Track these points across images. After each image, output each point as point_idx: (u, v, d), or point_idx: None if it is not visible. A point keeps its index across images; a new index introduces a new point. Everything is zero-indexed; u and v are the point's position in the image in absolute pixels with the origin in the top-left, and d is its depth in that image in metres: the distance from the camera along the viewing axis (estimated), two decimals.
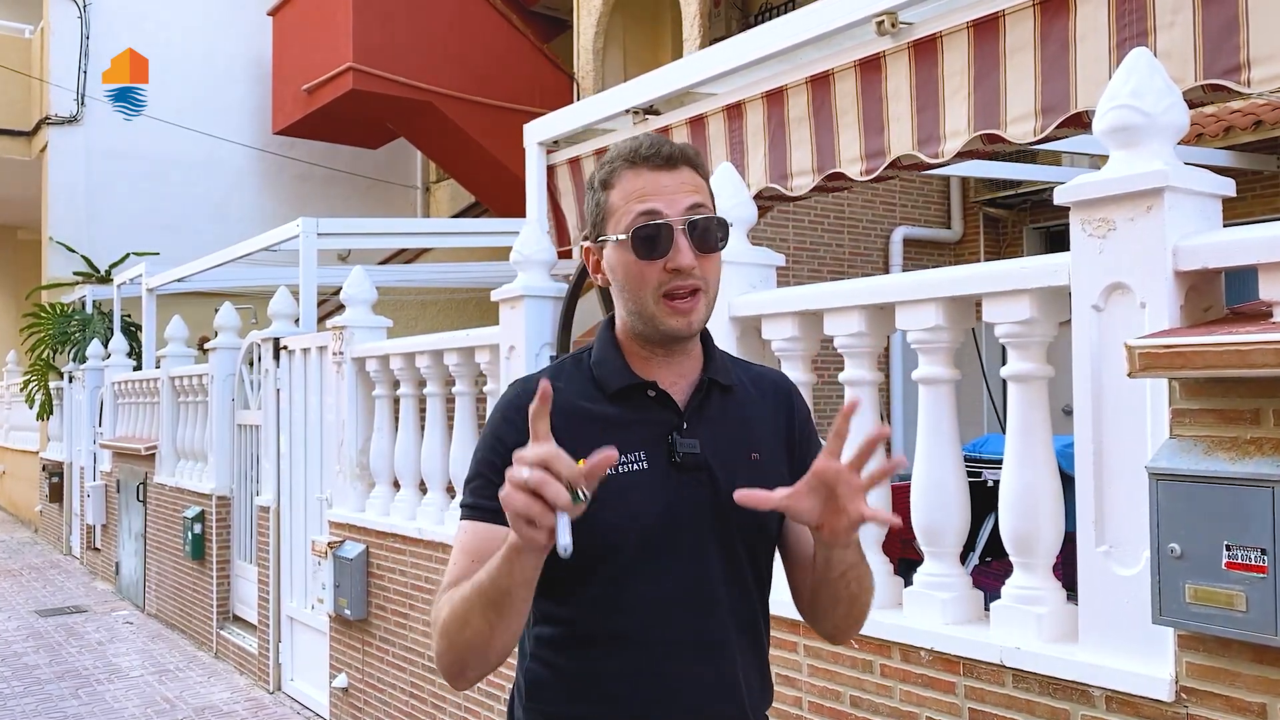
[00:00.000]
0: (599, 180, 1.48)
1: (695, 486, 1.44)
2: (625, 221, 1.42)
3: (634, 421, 1.45)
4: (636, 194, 1.42)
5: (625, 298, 1.46)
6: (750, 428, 1.53)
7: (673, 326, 1.43)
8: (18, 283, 16.81)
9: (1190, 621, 1.91)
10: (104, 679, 6.38)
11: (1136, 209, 2.07)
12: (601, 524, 1.34)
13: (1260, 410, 1.88)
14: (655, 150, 1.43)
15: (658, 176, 1.43)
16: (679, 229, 1.41)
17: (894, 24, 2.99)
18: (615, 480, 1.34)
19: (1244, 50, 2.23)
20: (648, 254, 1.41)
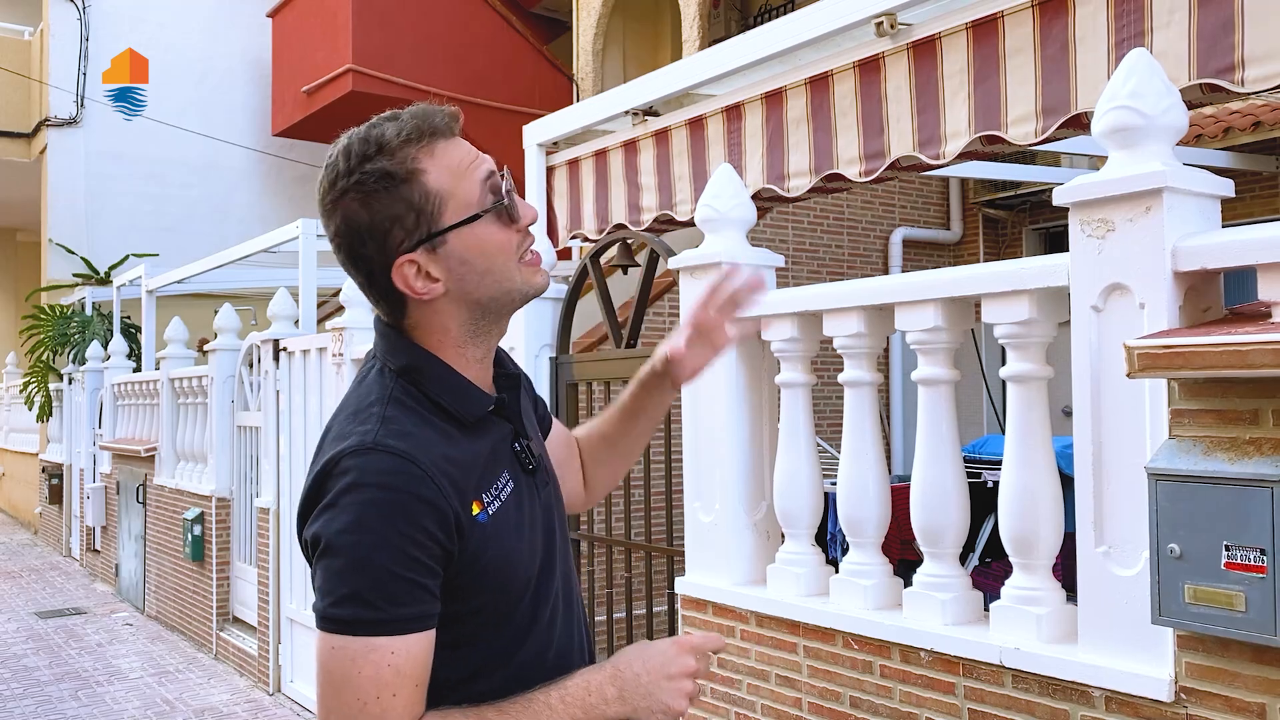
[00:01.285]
0: (402, 172, 1.21)
1: (544, 488, 1.36)
2: (475, 196, 1.23)
3: (490, 443, 1.29)
4: (466, 161, 1.24)
5: (490, 280, 1.25)
6: (527, 405, 1.43)
7: (539, 284, 1.30)
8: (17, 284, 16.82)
9: (1190, 622, 1.91)
10: (104, 681, 6.38)
11: (1135, 210, 2.07)
12: (511, 561, 1.25)
13: (1259, 410, 1.88)
14: (441, 116, 1.24)
15: (459, 142, 1.25)
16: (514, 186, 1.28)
17: (893, 25, 3.00)
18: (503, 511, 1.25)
19: (1239, 50, 2.24)
20: (517, 214, 1.26)
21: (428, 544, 1.15)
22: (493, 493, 1.24)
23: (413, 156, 1.21)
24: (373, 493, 1.15)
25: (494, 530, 1.23)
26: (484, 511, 1.22)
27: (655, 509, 4.17)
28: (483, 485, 1.23)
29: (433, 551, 1.16)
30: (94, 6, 12.51)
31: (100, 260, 11.79)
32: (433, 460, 1.18)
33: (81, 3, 12.43)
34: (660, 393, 1.62)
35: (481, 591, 1.23)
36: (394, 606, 1.14)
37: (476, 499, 1.22)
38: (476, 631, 1.25)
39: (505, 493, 1.26)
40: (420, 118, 1.22)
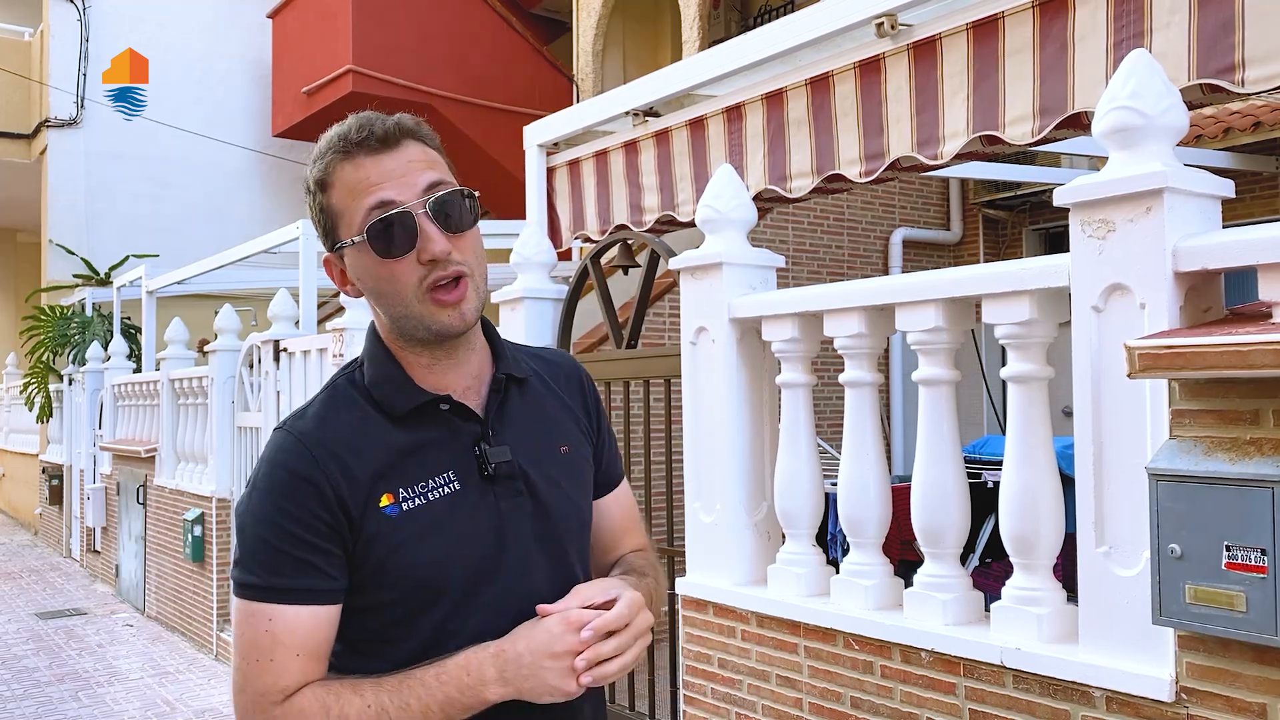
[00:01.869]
0: (314, 182, 1.27)
1: (514, 497, 1.31)
2: (358, 220, 1.23)
3: (433, 441, 1.28)
4: (361, 186, 1.23)
5: (384, 305, 1.27)
6: (554, 420, 1.41)
7: (445, 323, 1.25)
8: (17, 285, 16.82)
9: (1190, 622, 1.91)
10: (104, 681, 6.38)
11: (1136, 210, 2.07)
12: (424, 562, 1.24)
13: (1260, 411, 1.88)
14: (368, 132, 1.23)
15: (379, 161, 1.23)
16: (420, 214, 1.22)
17: (893, 26, 3.00)
18: (428, 510, 1.25)
19: (1239, 50, 2.24)
20: (391, 251, 1.22)
21: (311, 521, 1.20)
22: (416, 489, 1.25)
23: (330, 166, 1.25)
24: (265, 469, 1.24)
25: (404, 526, 1.23)
26: (395, 505, 1.23)
27: (656, 509, 4.18)
28: (403, 479, 1.25)
29: (317, 529, 1.20)
30: (94, 7, 12.51)
31: (100, 261, 11.80)
32: (325, 442, 1.23)
33: (81, 4, 12.43)
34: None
35: (380, 588, 1.24)
36: (271, 576, 1.20)
37: (389, 491, 1.23)
38: (381, 632, 1.25)
39: (438, 492, 1.26)
40: (349, 129, 1.25)
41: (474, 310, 1.27)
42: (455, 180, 1.30)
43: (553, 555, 1.34)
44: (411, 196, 1.23)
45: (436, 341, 1.28)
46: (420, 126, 1.29)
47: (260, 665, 1.20)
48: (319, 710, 1.19)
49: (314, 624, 1.21)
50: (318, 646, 1.22)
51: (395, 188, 1.23)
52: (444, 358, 1.32)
